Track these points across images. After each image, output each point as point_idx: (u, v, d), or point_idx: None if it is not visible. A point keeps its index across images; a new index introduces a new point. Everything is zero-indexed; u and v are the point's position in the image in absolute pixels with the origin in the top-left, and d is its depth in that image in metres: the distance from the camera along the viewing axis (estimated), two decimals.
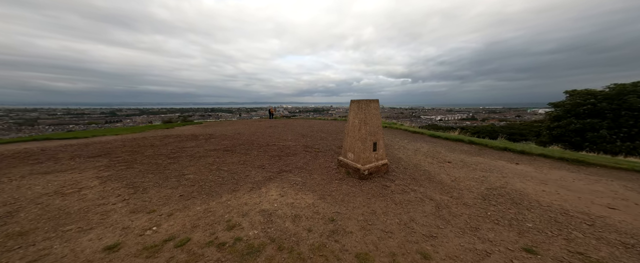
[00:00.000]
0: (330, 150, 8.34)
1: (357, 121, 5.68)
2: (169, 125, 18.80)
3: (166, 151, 8.02)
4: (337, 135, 12.11)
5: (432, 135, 11.12)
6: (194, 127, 17.27)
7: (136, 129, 17.76)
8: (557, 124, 16.53)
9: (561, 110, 16.96)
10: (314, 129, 14.90)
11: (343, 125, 16.62)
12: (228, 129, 15.71)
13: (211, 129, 15.79)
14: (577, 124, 15.41)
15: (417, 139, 10.93)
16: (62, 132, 28.49)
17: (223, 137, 11.46)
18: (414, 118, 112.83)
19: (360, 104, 5.63)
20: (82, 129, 69.31)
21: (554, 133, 16.54)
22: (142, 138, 11.14)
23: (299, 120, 21.90)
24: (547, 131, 17.31)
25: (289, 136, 11.60)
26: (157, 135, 11.99)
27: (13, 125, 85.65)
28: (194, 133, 13.18)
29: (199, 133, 12.82)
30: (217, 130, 14.84)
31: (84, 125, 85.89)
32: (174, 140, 10.44)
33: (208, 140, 10.40)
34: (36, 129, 79.13)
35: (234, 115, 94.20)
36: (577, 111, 16.07)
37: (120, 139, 10.86)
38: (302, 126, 16.43)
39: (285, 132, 13.44)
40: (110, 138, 11.49)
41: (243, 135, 12.26)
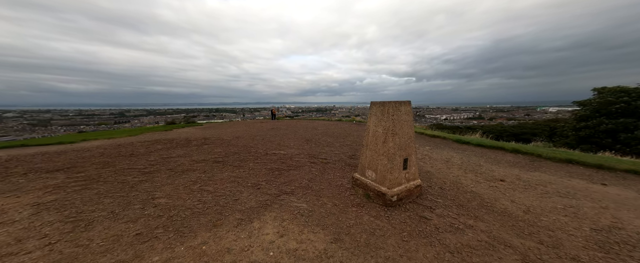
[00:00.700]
0: (340, 160, 6.75)
1: (380, 130, 4.07)
2: (168, 127, 17.43)
3: (144, 163, 6.52)
4: (345, 139, 10.51)
5: (459, 141, 9.41)
6: (193, 129, 15.85)
7: (133, 131, 16.43)
8: (585, 124, 14.65)
9: (589, 109, 15.07)
10: (318, 131, 13.31)
11: (349, 127, 14.98)
12: (227, 131, 14.24)
13: (210, 131, 14.34)
14: (609, 124, 13.53)
15: (440, 145, 9.26)
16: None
17: (219, 142, 9.95)
18: (418, 117, 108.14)
19: (385, 107, 4.02)
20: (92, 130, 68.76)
21: (580, 134, 14.68)
22: (129, 144, 9.71)
23: (302, 121, 20.34)
24: (572, 132, 15.43)
25: (291, 141, 10.04)
26: (148, 140, 10.56)
27: (27, 126, 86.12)
28: (189, 137, 11.72)
29: (194, 138, 11.36)
30: (215, 133, 13.37)
31: (94, 126, 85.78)
32: (162, 146, 8.96)
33: (200, 146, 8.89)
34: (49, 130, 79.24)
35: (238, 115, 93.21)
36: (608, 110, 14.17)
37: (104, 145, 9.43)
38: (305, 128, 14.85)
39: (288, 135, 11.88)
40: (94, 143, 10.08)
41: (241, 139, 10.75)
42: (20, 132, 76.00)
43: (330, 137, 10.98)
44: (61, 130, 79.15)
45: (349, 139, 10.39)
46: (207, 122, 34.25)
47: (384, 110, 4.03)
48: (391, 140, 3.92)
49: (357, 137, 11.02)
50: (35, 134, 70.09)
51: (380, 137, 4.08)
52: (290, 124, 18.54)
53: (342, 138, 10.77)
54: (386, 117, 3.97)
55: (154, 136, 12.50)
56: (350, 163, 6.46)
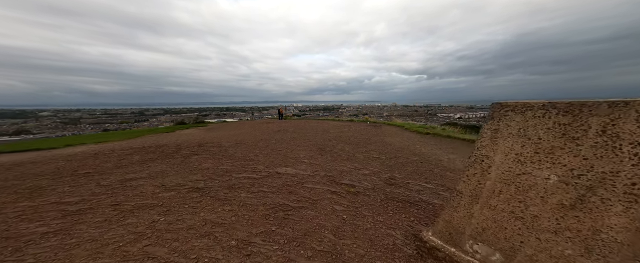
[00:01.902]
0: (374, 188, 4.32)
1: (554, 177, 1.60)
2: (172, 129, 15.32)
3: (87, 191, 4.22)
4: (367, 147, 8.04)
5: None
6: (196, 131, 13.66)
7: (134, 133, 14.35)
8: None
9: None
10: (330, 135, 10.87)
11: (365, 130, 12.47)
12: (230, 134, 11.97)
13: (211, 134, 12.10)
14: None
15: None
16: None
17: (214, 150, 7.65)
18: (429, 116, 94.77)
19: (580, 117, 1.54)
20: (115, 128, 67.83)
21: None
22: (109, 151, 7.49)
23: (310, 122, 17.92)
24: None
25: (300, 150, 7.64)
26: (134, 146, 8.33)
27: (60, 124, 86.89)
28: (184, 142, 9.48)
29: (188, 143, 9.10)
30: (216, 136, 11.11)
31: (117, 124, 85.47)
32: (140, 157, 6.66)
33: (187, 158, 6.59)
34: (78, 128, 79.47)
35: (247, 114, 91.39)
36: None
37: (77, 154, 7.24)
38: (315, 131, 12.42)
39: (296, 141, 9.49)
40: (69, 151, 7.91)
41: (242, 146, 8.43)
42: (53, 129, 76.35)
43: (347, 144, 8.53)
44: (89, 128, 79.08)
45: (373, 148, 7.92)
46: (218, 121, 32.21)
47: (574, 123, 1.55)
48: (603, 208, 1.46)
49: (381, 144, 8.49)
50: (67, 132, 69.98)
51: (552, 191, 1.62)
52: (298, 124, 16.15)
53: (363, 145, 8.31)
54: (582, 140, 1.50)
55: (147, 140, 10.32)
56: (393, 195, 4.03)
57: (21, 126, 79.37)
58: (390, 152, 7.06)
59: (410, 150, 7.31)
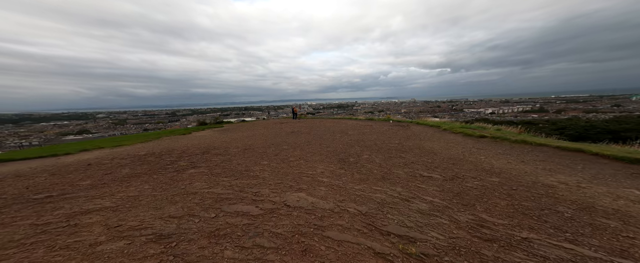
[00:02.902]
0: (459, 249, 2.38)
1: None
2: (190, 130, 14.41)
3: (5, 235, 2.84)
4: (405, 157, 6.00)
5: (523, 141, 4.46)
6: (210, 133, 12.50)
7: (151, 136, 13.59)
8: None
9: None
10: (351, 138, 8.91)
11: (391, 131, 10.30)
12: (242, 136, 10.55)
13: (223, 137, 10.78)
14: None
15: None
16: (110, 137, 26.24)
17: (216, 160, 6.12)
18: (454, 112, 78.27)
19: None
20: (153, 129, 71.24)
21: None
22: (109, 160, 6.25)
23: (326, 122, 16.03)
24: None
25: (317, 161, 5.84)
26: (132, 154, 7.08)
27: (111, 125, 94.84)
28: (190, 148, 8.14)
29: (194, 150, 7.71)
30: (226, 140, 9.73)
31: (154, 124, 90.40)
32: (126, 172, 5.28)
33: (177, 175, 5.06)
34: (125, 128, 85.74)
35: (264, 113, 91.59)
36: None
37: (69, 164, 6.08)
38: (332, 132, 10.52)
39: (311, 146, 7.70)
40: (69, 159, 6.85)
41: (250, 152, 6.84)
42: (107, 129, 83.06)
43: (375, 152, 6.53)
44: (133, 128, 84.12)
45: (413, 158, 5.84)
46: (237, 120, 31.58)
47: None
48: None
49: (423, 153, 6.28)
50: (116, 131, 75.00)
51: None
52: (313, 124, 14.35)
53: (396, 154, 6.25)
54: None
55: (158, 145, 9.21)
56: None
57: (83, 126, 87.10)
58: (444, 167, 4.95)
59: (473, 164, 5.11)
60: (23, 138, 57.21)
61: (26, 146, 46.48)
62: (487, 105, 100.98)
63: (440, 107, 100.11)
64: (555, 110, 62.98)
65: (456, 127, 9.30)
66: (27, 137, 60.47)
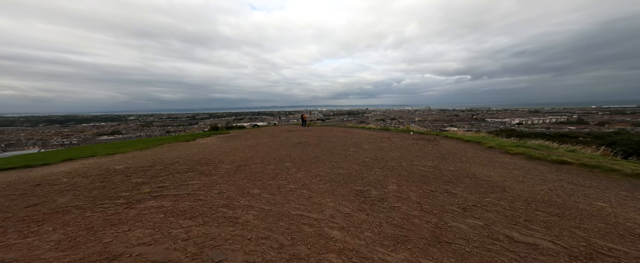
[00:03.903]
0: None
1: None
2: (194, 136, 13.22)
3: None
4: (461, 194, 4.00)
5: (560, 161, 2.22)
6: (213, 141, 11.13)
7: (156, 141, 12.50)
8: None
9: None
10: (367, 154, 6.96)
11: (419, 147, 8.19)
12: (244, 146, 8.99)
13: (224, 145, 9.28)
14: None
15: None
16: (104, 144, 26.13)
17: (188, 190, 4.47)
18: (475, 121, 69.37)
19: None
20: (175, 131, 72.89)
21: None
22: (71, 177, 4.88)
23: (337, 131, 14.16)
24: None
25: (326, 194, 4.01)
26: (108, 170, 5.70)
27: (139, 126, 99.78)
28: (177, 161, 6.64)
29: (180, 164, 6.18)
30: (224, 150, 8.19)
31: (175, 127, 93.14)
32: (60, 204, 3.77)
33: (126, 211, 3.45)
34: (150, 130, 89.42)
35: (275, 118, 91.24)
36: None
37: (16, 182, 4.73)
38: (344, 145, 8.63)
39: (318, 165, 5.86)
40: (32, 174, 5.50)
41: (243, 171, 5.15)
42: (135, 130, 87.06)
43: (409, 182, 4.54)
44: (157, 130, 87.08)
45: (477, 200, 3.81)
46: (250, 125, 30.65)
47: None
48: None
49: (485, 187, 4.15)
50: (143, 133, 77.75)
51: None
52: (322, 133, 12.53)
53: (439, 186, 4.26)
54: None
55: (150, 155, 7.88)
56: None
57: (116, 128, 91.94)
58: (544, 221, 2.84)
59: (590, 215, 2.99)
60: (65, 138, 60.77)
61: (67, 144, 48.80)
62: (513, 114, 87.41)
63: (458, 116, 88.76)
64: (598, 122, 52.71)
65: (509, 145, 6.84)
66: (69, 136, 64.24)
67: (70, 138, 59.28)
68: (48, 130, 79.02)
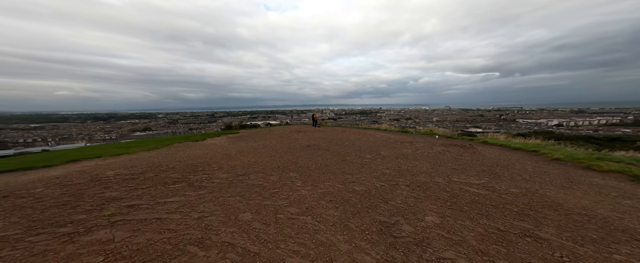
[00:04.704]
0: None
1: None
2: (204, 136, 12.73)
3: None
4: (559, 248, 2.57)
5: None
6: (221, 141, 10.44)
7: (168, 140, 12.17)
8: None
9: None
10: (387, 163, 5.58)
11: (452, 156, 6.59)
12: (252, 147, 8.07)
13: (230, 148, 8.43)
14: None
15: None
16: (157, 136, 26.57)
17: (172, 205, 3.51)
18: (504, 122, 59.79)
19: None
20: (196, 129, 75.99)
21: None
22: (45, 187, 4.16)
23: (349, 132, 12.79)
24: None
25: (337, 226, 2.80)
26: (98, 176, 5.00)
27: (166, 124, 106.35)
28: (175, 165, 5.83)
29: (176, 169, 5.35)
30: (230, 153, 7.30)
31: (197, 124, 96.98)
32: (17, 232, 3.01)
33: (63, 246, 2.53)
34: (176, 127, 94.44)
35: (287, 116, 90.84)
36: None
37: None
38: (358, 151, 7.29)
39: (329, 176, 4.63)
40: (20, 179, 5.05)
41: (240, 184, 4.11)
42: (163, 127, 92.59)
43: (457, 212, 3.19)
44: (181, 127, 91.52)
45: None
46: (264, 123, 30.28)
47: None
48: None
49: (608, 234, 2.68)
50: (169, 130, 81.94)
51: None
52: (334, 135, 11.26)
53: (522, 224, 2.87)
54: None
55: (152, 157, 7.25)
56: None
57: (147, 124, 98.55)
58: None
59: None
60: (107, 133, 66.20)
61: (108, 140, 52.79)
62: (551, 115, 71.36)
63: (483, 116, 75.43)
64: None
65: (585, 158, 4.89)
66: (110, 132, 69.92)
67: (110, 133, 64.39)
68: (94, 126, 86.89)
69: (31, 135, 58.41)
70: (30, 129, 76.26)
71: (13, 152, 30.70)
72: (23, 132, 65.88)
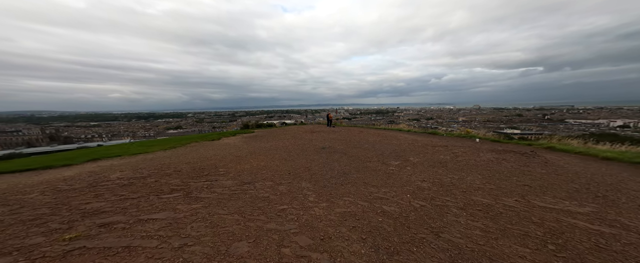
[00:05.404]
0: None
1: None
2: (219, 135, 12.51)
3: None
4: None
5: None
6: (235, 141, 9.98)
7: (186, 139, 12.12)
8: None
9: None
10: (425, 177, 4.34)
11: (533, 170, 5.10)
12: (265, 148, 7.37)
13: (243, 148, 7.82)
14: None
15: None
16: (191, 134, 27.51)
17: (155, 225, 2.75)
18: (550, 123, 51.38)
19: None
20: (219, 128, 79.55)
21: None
22: (69, 184, 3.87)
23: (367, 133, 11.50)
24: None
25: None
26: (105, 180, 4.60)
27: (194, 122, 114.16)
28: (190, 162, 5.30)
29: (188, 168, 4.74)
30: (241, 154, 6.64)
31: (219, 123, 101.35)
32: None
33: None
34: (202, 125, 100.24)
35: (302, 116, 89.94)
36: None
37: None
38: (381, 156, 6.07)
39: (350, 190, 3.57)
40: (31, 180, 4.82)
41: (244, 195, 3.28)
42: (191, 126, 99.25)
43: None
44: (206, 126, 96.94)
45: None
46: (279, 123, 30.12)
47: None
48: None
49: None
50: (196, 128, 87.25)
51: None
52: (350, 136, 10.09)
53: None
54: None
55: (164, 157, 6.90)
56: None
57: (178, 123, 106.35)
58: None
59: None
60: (147, 131, 72.88)
61: (147, 136, 57.66)
62: (613, 114, 58.28)
63: (521, 116, 63.06)
64: None
65: None
66: (149, 129, 76.86)
67: (149, 131, 70.66)
68: (137, 124, 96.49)
69: (90, 132, 66.79)
70: (90, 126, 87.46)
71: (76, 146, 35.02)
72: (84, 129, 75.68)
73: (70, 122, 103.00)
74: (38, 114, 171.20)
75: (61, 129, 70.86)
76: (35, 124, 78.72)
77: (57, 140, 54.39)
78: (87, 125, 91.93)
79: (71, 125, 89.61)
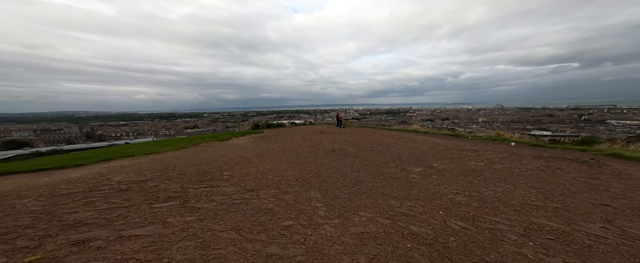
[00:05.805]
0: None
1: None
2: (228, 136, 12.35)
3: None
4: None
5: None
6: (244, 142, 9.68)
7: (195, 139, 12.08)
8: None
9: None
10: (453, 186, 3.58)
11: (614, 189, 4.15)
12: (273, 149, 6.92)
13: (251, 149, 7.43)
14: None
15: None
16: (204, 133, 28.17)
17: (140, 242, 2.33)
18: (586, 124, 46.26)
19: None
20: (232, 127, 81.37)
21: None
22: (71, 187, 3.64)
23: (380, 135, 10.66)
24: None
25: None
26: (103, 183, 4.37)
27: (209, 122, 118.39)
28: (196, 164, 4.96)
29: (192, 170, 4.36)
30: (248, 156, 6.22)
31: (232, 123, 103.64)
32: None
33: None
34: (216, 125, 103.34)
35: (311, 116, 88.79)
36: None
37: None
38: (400, 161, 5.32)
39: (366, 199, 2.93)
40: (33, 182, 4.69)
41: (245, 205, 2.77)
42: (206, 125, 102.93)
43: None
44: (220, 126, 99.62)
45: None
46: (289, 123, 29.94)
47: None
48: None
49: None
50: (211, 128, 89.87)
51: None
52: (362, 138, 9.34)
53: None
54: None
55: (171, 158, 6.68)
56: None
57: (195, 123, 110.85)
58: None
59: None
60: (168, 130, 76.67)
61: (168, 135, 60.47)
62: None
63: (552, 117, 55.16)
64: None
65: None
66: (170, 129, 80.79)
67: (170, 130, 74.25)
68: (159, 124, 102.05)
69: (120, 131, 71.72)
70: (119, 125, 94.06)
71: (107, 144, 37.46)
72: (115, 128, 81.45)
73: (103, 121, 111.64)
74: (77, 114, 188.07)
75: (95, 128, 76.95)
76: (74, 123, 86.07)
77: (93, 138, 59.00)
78: (117, 124, 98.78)
79: (104, 124, 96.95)
